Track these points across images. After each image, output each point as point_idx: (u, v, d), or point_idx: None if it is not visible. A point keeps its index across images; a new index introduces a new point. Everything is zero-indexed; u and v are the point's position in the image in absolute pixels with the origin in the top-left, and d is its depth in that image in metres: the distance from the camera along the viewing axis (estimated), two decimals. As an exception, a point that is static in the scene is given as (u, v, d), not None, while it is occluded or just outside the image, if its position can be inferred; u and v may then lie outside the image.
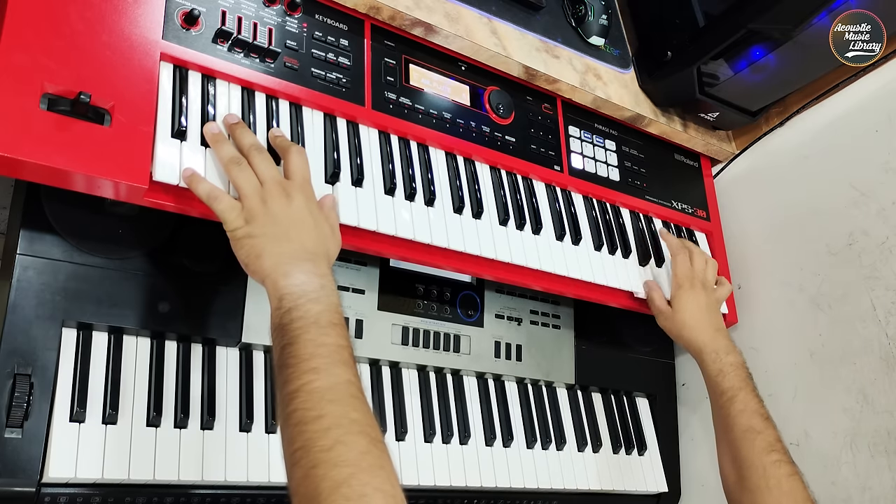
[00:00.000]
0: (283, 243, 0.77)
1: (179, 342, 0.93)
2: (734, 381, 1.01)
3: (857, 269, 1.13)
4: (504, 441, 1.12)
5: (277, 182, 0.80)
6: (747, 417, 0.97)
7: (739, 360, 1.05)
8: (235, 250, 0.79)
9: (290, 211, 0.79)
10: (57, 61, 0.75)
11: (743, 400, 0.99)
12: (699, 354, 1.07)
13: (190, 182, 0.80)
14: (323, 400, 0.67)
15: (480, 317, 1.17)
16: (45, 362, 0.82)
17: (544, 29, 1.15)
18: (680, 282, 1.13)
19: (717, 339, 1.07)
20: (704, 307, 1.11)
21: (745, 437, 0.96)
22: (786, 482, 0.91)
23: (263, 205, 0.78)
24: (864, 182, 1.14)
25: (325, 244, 0.81)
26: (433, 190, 0.99)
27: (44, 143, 0.71)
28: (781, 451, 0.94)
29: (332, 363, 0.70)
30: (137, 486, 0.85)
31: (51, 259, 0.85)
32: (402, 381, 1.08)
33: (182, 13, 0.85)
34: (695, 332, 1.09)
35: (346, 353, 0.72)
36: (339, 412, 0.67)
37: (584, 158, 1.19)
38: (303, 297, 0.74)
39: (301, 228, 0.79)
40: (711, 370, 1.04)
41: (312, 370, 0.69)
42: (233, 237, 0.79)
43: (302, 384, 0.68)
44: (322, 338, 0.72)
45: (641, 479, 1.25)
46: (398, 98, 1.01)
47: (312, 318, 0.73)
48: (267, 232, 0.78)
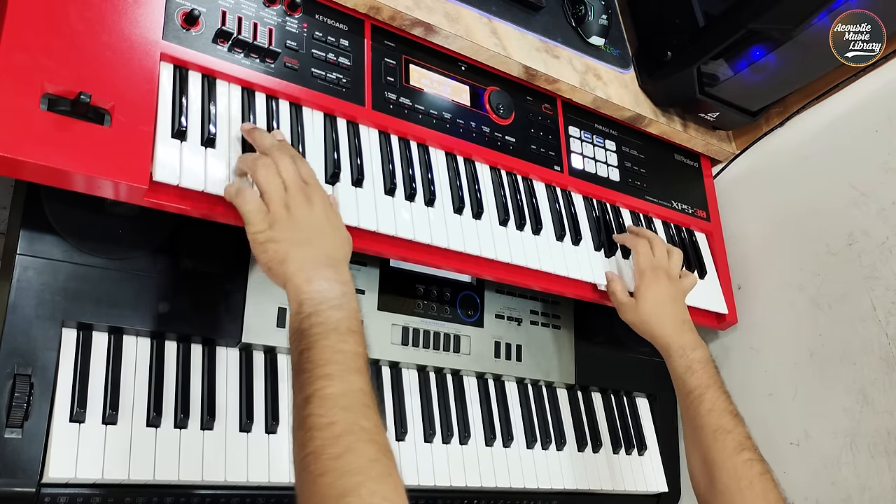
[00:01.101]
0: (307, 248, 0.78)
1: (179, 342, 0.93)
2: (702, 378, 0.99)
3: (857, 269, 1.13)
4: (504, 441, 1.12)
5: (300, 187, 0.81)
6: (716, 416, 0.95)
7: (706, 356, 1.02)
8: (257, 254, 0.80)
9: (311, 216, 0.80)
10: (57, 61, 0.75)
11: (711, 398, 0.97)
12: (666, 350, 1.04)
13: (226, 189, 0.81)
14: (335, 406, 0.68)
15: (480, 317, 1.17)
16: (45, 362, 0.82)
17: (544, 29, 1.15)
18: (642, 270, 1.08)
19: (683, 333, 1.04)
20: (669, 297, 1.07)
21: (715, 437, 0.94)
22: (758, 482, 0.89)
23: (287, 210, 0.79)
24: (864, 182, 1.14)
25: (344, 249, 0.82)
26: (433, 190, 0.99)
27: (44, 143, 0.71)
28: (752, 448, 0.93)
29: (347, 370, 0.70)
30: (137, 487, 0.85)
31: (51, 259, 0.85)
32: (402, 381, 1.08)
33: (182, 13, 0.85)
34: (660, 324, 1.05)
35: (362, 361, 0.73)
36: (351, 419, 0.67)
37: (584, 158, 1.19)
38: (324, 303, 0.74)
39: (323, 234, 0.80)
40: (679, 367, 1.01)
41: (327, 376, 0.69)
42: (254, 240, 0.79)
43: (316, 389, 0.69)
44: (340, 344, 0.72)
45: (641, 479, 1.25)
46: (398, 98, 1.01)
47: (332, 324, 0.73)
48: (290, 237, 0.78)
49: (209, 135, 0.83)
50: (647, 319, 1.06)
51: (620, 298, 1.09)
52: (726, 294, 1.29)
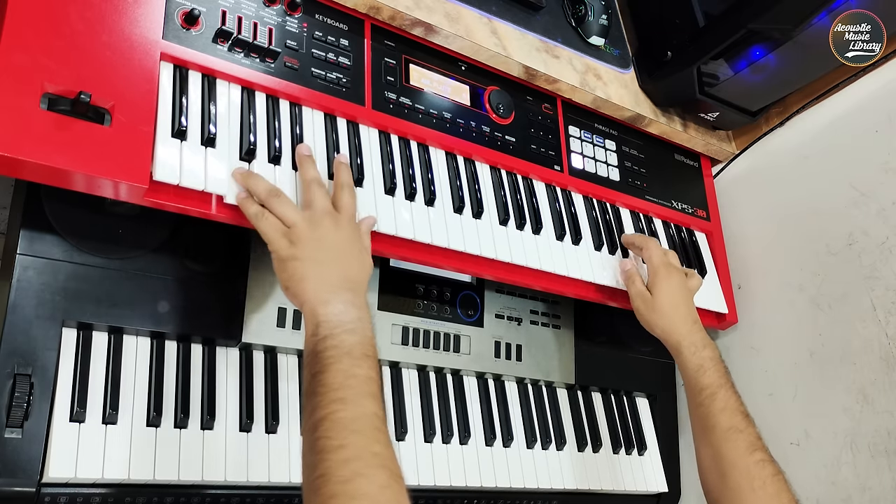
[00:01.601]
0: (327, 269, 0.78)
1: (179, 342, 0.93)
2: (714, 377, 0.98)
3: (857, 269, 1.13)
4: (504, 441, 1.12)
5: (328, 212, 0.82)
6: (729, 416, 0.95)
7: (716, 355, 1.02)
8: (278, 272, 0.81)
9: (336, 238, 0.81)
10: (57, 61, 0.75)
11: (724, 398, 0.96)
12: (677, 347, 1.03)
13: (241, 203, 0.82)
14: (346, 430, 0.68)
15: (480, 317, 1.16)
16: (45, 362, 0.82)
17: (544, 29, 1.15)
18: (656, 267, 1.07)
19: (694, 331, 1.03)
20: (682, 295, 1.07)
21: (727, 437, 0.93)
22: (771, 483, 0.89)
23: (311, 229, 0.80)
24: (864, 182, 1.14)
25: (365, 275, 0.83)
26: (433, 190, 0.99)
27: (44, 142, 0.71)
28: (763, 449, 0.93)
29: (359, 395, 0.71)
30: (137, 486, 0.85)
31: (51, 259, 0.85)
32: (402, 381, 1.08)
33: (182, 13, 0.85)
34: (673, 321, 1.04)
35: (375, 386, 0.73)
36: (362, 444, 0.67)
37: (584, 158, 1.19)
38: (339, 326, 0.75)
39: (346, 257, 0.81)
40: (691, 365, 1.01)
41: (340, 400, 0.70)
42: (277, 258, 0.80)
43: (328, 413, 0.69)
44: (354, 369, 0.72)
45: (641, 479, 1.25)
46: (398, 98, 1.01)
47: (346, 348, 0.73)
48: (312, 256, 0.79)
49: (209, 134, 0.83)
50: (662, 316, 1.05)
51: (639, 288, 1.08)
52: (726, 294, 1.29)
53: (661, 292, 1.06)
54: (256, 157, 0.87)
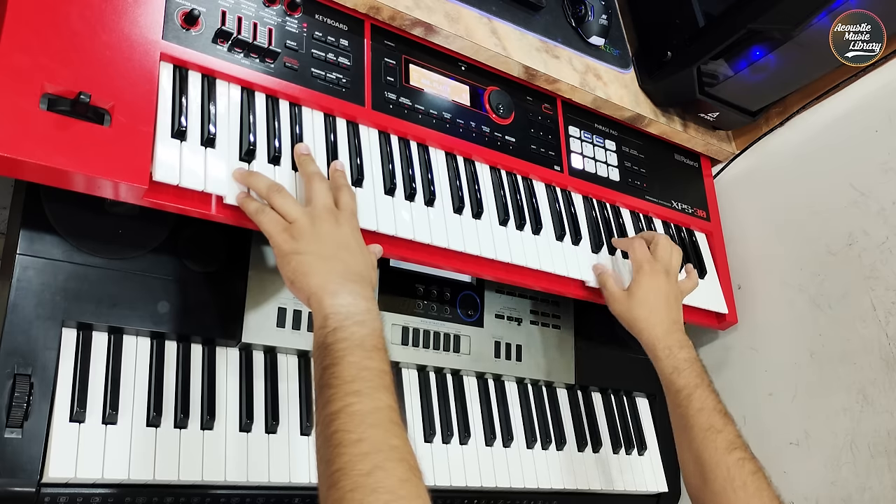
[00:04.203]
0: (331, 262, 0.78)
1: (179, 342, 0.93)
2: (690, 377, 0.98)
3: (857, 269, 1.13)
4: (504, 441, 1.12)
5: (329, 207, 0.82)
6: (706, 416, 0.94)
7: (693, 355, 1.01)
8: (281, 267, 0.80)
9: (337, 233, 0.81)
10: (57, 61, 0.75)
11: (700, 397, 0.96)
12: (652, 349, 1.03)
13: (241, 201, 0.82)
14: (364, 423, 0.67)
15: (480, 317, 1.16)
16: (45, 362, 0.82)
17: (544, 29, 1.15)
18: (639, 264, 1.07)
19: (671, 332, 1.02)
20: (663, 295, 1.05)
21: (706, 437, 0.93)
22: (751, 482, 0.89)
23: (312, 224, 0.80)
24: (864, 182, 1.14)
25: (369, 270, 0.82)
26: (433, 190, 0.99)
27: (44, 143, 0.71)
28: (742, 447, 0.92)
29: (374, 387, 0.70)
30: (137, 487, 0.85)
31: (51, 259, 0.85)
32: (402, 381, 1.08)
33: (182, 13, 0.85)
34: (649, 321, 1.03)
35: (388, 379, 0.73)
36: (380, 437, 0.67)
37: (584, 158, 1.19)
38: (348, 318, 0.75)
39: (348, 251, 0.81)
40: (666, 367, 1.00)
41: (355, 393, 0.69)
42: (279, 253, 0.80)
43: (343, 406, 0.68)
44: (366, 361, 0.72)
45: (641, 479, 1.25)
46: (398, 98, 1.01)
47: (357, 340, 0.73)
48: (314, 250, 0.79)
49: (209, 135, 0.83)
50: (636, 314, 1.04)
51: (610, 289, 1.08)
52: (726, 294, 1.29)
53: (637, 290, 1.06)
54: (256, 157, 0.87)
